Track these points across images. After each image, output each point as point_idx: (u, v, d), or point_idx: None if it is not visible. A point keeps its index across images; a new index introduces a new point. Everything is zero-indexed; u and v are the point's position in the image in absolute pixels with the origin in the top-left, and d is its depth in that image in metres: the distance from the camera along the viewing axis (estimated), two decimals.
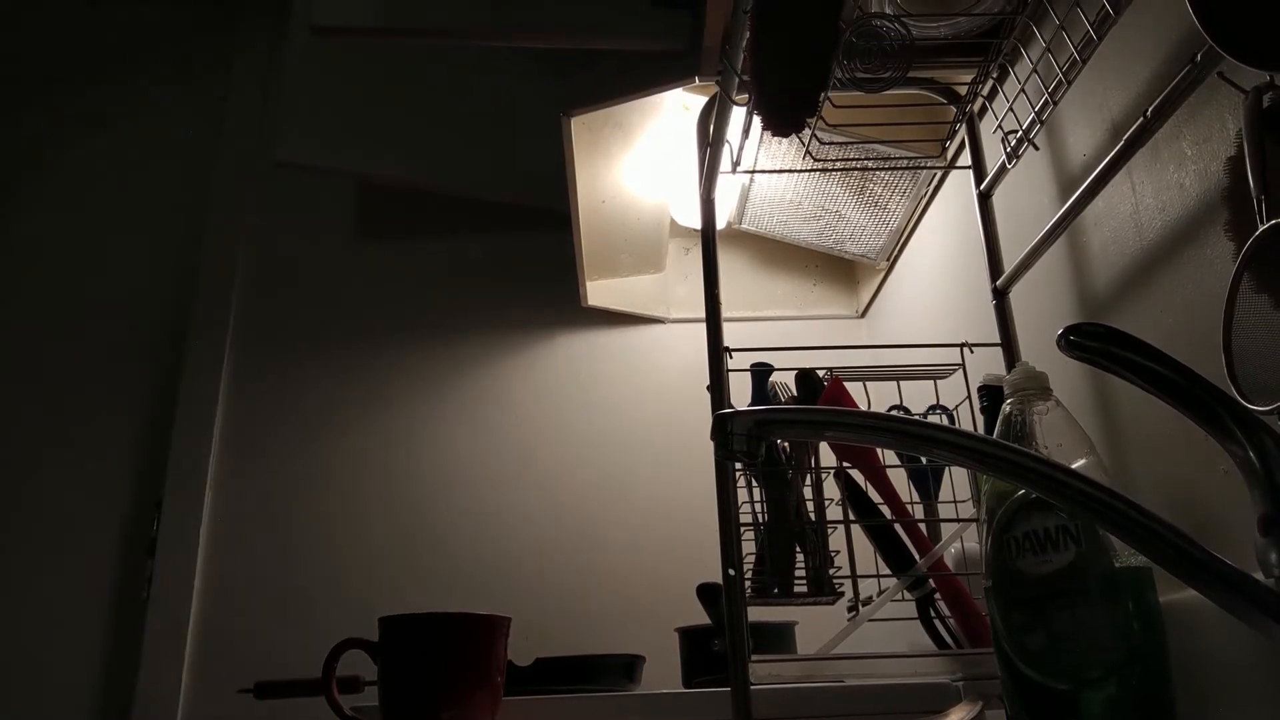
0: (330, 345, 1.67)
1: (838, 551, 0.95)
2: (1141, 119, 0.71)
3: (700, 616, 1.08)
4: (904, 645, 0.96)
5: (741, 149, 1.03)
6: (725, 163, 1.02)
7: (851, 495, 0.96)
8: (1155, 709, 0.64)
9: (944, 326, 1.24)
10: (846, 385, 0.97)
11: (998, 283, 0.98)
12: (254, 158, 1.79)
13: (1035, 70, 0.87)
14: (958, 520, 0.96)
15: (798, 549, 0.94)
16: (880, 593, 0.93)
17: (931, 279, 1.32)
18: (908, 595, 0.93)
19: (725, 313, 0.99)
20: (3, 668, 1.49)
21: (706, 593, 1.08)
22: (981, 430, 0.91)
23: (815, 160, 1.06)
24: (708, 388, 0.95)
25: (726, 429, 0.53)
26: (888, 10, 0.89)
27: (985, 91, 1.01)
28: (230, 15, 1.93)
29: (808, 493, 0.97)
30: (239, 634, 1.48)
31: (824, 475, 0.98)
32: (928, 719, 0.77)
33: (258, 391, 1.64)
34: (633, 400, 1.65)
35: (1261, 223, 0.56)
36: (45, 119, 1.87)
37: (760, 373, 1.00)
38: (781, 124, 0.84)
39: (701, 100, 1.15)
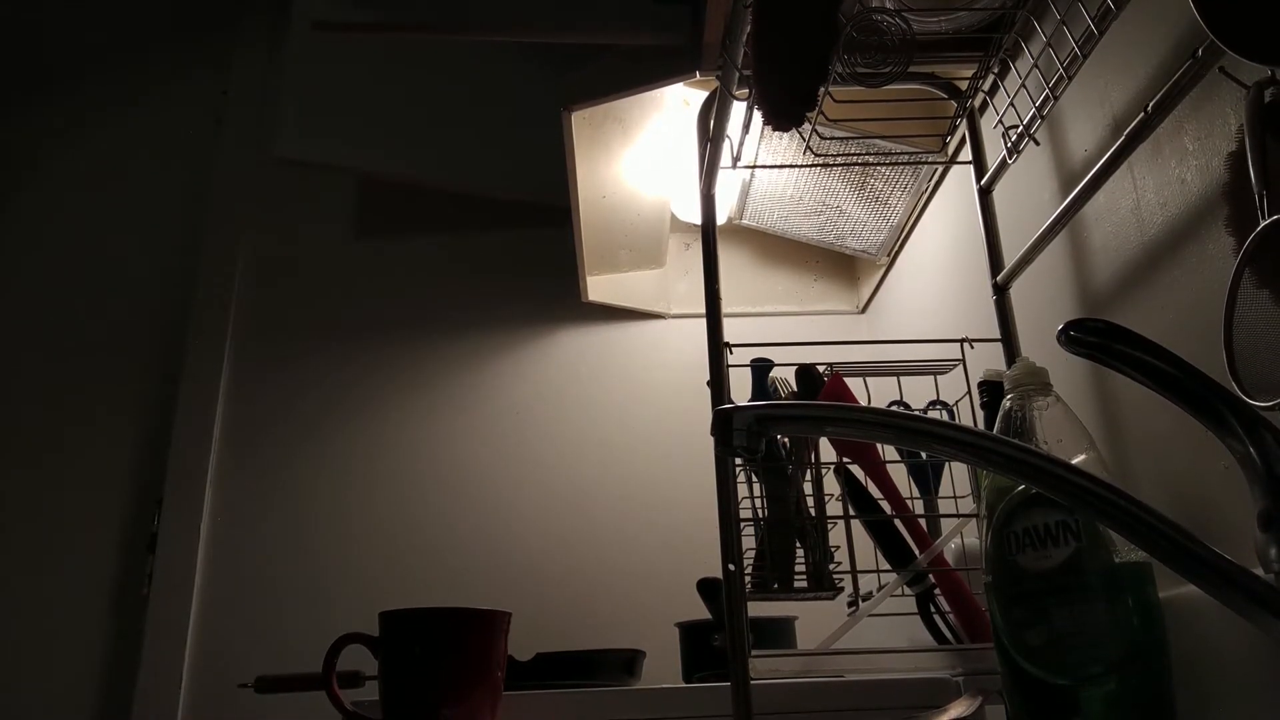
0: (330, 341, 1.67)
1: (838, 547, 0.95)
2: (1143, 114, 0.71)
3: (700, 611, 1.08)
4: (904, 640, 0.96)
5: (742, 144, 1.03)
6: (725, 158, 1.01)
7: (851, 490, 0.96)
8: (1155, 704, 0.64)
9: (944, 322, 1.24)
10: (847, 381, 0.97)
11: (998, 278, 0.98)
12: (254, 153, 1.79)
13: (1036, 65, 0.87)
14: (958, 516, 0.97)
15: (798, 544, 0.94)
16: (880, 588, 0.93)
17: (932, 274, 1.32)
18: (908, 590, 0.93)
19: (725, 308, 0.99)
20: (4, 665, 1.49)
21: (706, 588, 1.08)
22: (982, 426, 0.91)
23: (815, 155, 1.06)
24: (708, 383, 0.95)
25: (727, 424, 0.53)
26: (888, 5, 0.89)
27: (986, 86, 1.01)
28: (231, 11, 1.93)
29: (808, 488, 0.97)
30: (240, 629, 1.48)
31: (824, 470, 0.98)
32: (928, 714, 0.77)
33: (258, 388, 1.64)
34: (633, 396, 1.65)
35: (1263, 218, 0.56)
36: (45, 115, 1.87)
37: (760, 368, 1.00)
38: (782, 118, 0.83)
39: (702, 95, 1.15)
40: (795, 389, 1.00)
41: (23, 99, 1.88)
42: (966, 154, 1.06)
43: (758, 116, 0.97)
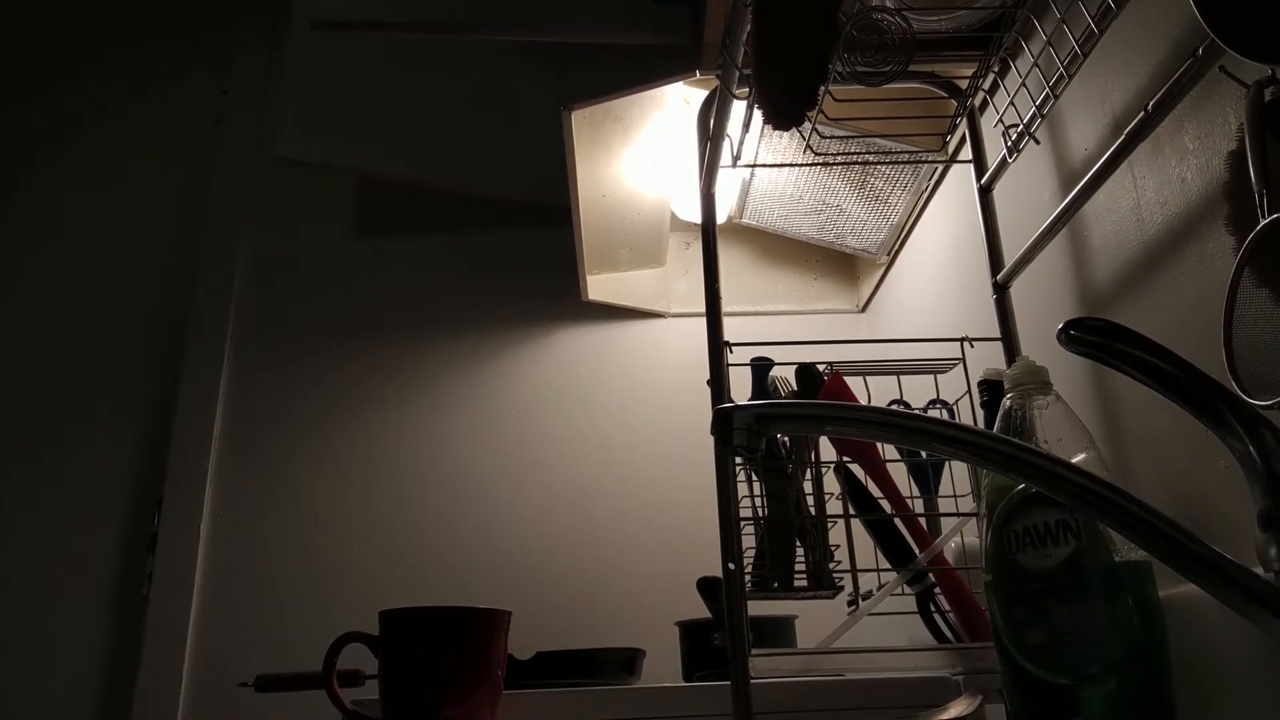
0: (330, 341, 1.67)
1: (838, 546, 0.95)
2: (1143, 113, 0.70)
3: (700, 610, 1.08)
4: (904, 639, 0.96)
5: (742, 143, 1.03)
6: (725, 157, 1.01)
7: (851, 490, 0.96)
8: (1155, 704, 0.64)
9: (944, 321, 1.24)
10: (847, 380, 0.97)
11: (998, 277, 0.98)
12: (254, 153, 1.79)
13: (1036, 64, 0.87)
14: (958, 515, 0.97)
15: (798, 543, 0.94)
16: (880, 587, 0.93)
17: (932, 273, 1.32)
18: (908, 589, 0.93)
19: (725, 307, 0.99)
20: (4, 664, 1.49)
21: (706, 587, 1.08)
22: (981, 425, 0.91)
23: (816, 154, 1.05)
24: (708, 382, 0.95)
25: (727, 423, 0.53)
26: (888, 3, 0.89)
27: (986, 85, 1.01)
28: (231, 11, 1.93)
29: (808, 487, 0.97)
30: (240, 629, 1.48)
31: (824, 470, 0.98)
32: (928, 713, 0.77)
33: (258, 388, 1.64)
34: (633, 395, 1.65)
35: (1263, 217, 0.56)
36: (44, 116, 1.87)
37: (760, 367, 0.99)
38: (782, 117, 0.83)
39: (702, 94, 1.14)
40: (795, 388, 1.00)
41: (23, 99, 1.88)
42: (967, 153, 1.06)
43: (758, 115, 0.97)
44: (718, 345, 0.96)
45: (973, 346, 0.98)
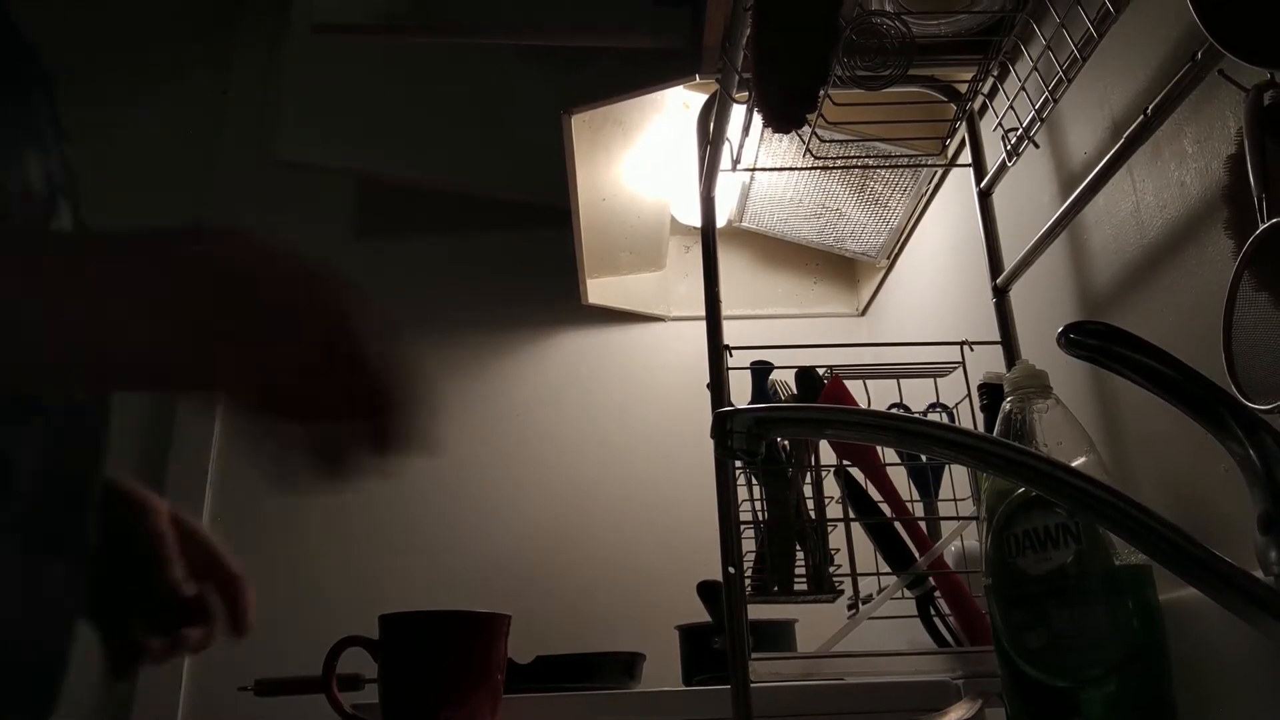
0: None
1: (837, 549, 0.95)
2: (1142, 117, 0.71)
3: (701, 614, 1.08)
4: (904, 643, 0.96)
5: (741, 147, 1.03)
6: (725, 160, 1.01)
7: (851, 493, 0.96)
8: (1155, 707, 0.64)
9: (944, 324, 1.24)
10: (846, 383, 0.97)
11: (998, 281, 0.98)
12: (254, 154, 1.79)
13: (1036, 68, 0.87)
14: (958, 518, 0.97)
15: (798, 547, 0.94)
16: (880, 591, 0.93)
17: (932, 277, 1.32)
18: (908, 593, 0.93)
19: (725, 311, 0.99)
20: None
21: (707, 591, 1.08)
22: (981, 428, 0.91)
23: (815, 158, 1.06)
24: (708, 386, 0.95)
25: (726, 427, 0.53)
26: (888, 8, 0.89)
27: (986, 89, 1.01)
28: (231, 11, 1.93)
29: (808, 491, 0.97)
30: None
31: (824, 473, 0.98)
32: (927, 717, 0.77)
33: None
34: (633, 398, 1.65)
35: (1262, 221, 0.56)
36: None
37: (760, 371, 0.99)
38: (782, 121, 0.83)
39: (702, 98, 1.15)
40: (795, 392, 1.00)
41: None
42: (966, 157, 1.06)
43: (757, 119, 0.97)
44: (717, 349, 0.96)
45: (972, 350, 0.98)
